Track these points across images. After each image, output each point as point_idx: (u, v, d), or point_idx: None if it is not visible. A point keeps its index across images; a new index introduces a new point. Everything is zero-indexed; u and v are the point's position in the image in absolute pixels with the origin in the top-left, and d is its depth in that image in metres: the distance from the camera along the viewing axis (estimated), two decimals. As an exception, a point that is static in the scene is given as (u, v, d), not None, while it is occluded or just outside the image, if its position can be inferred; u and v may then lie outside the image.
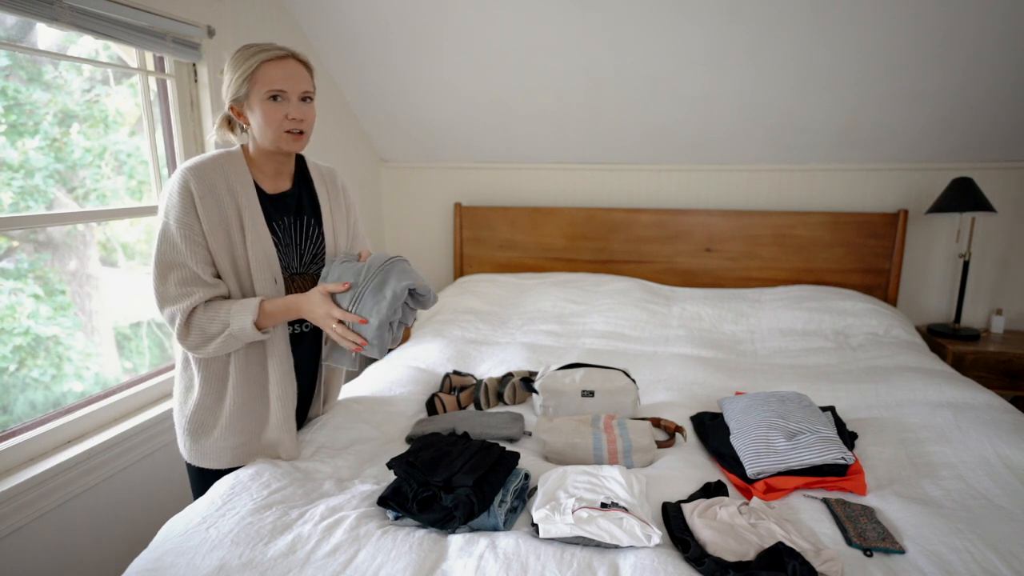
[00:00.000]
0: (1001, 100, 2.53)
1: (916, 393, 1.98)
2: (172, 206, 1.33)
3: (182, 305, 1.32)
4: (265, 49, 1.35)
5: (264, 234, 1.41)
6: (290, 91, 1.36)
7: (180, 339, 1.34)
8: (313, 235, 1.52)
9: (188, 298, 1.32)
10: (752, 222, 3.05)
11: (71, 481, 1.71)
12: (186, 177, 1.34)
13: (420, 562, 1.13)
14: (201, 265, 1.34)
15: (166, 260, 1.33)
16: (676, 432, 1.70)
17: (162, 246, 1.33)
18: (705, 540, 1.15)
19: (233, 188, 1.38)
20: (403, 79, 2.93)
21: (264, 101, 1.34)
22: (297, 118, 1.37)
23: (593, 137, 3.10)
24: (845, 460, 1.44)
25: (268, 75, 1.33)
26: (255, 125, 1.38)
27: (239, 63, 1.35)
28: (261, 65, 1.33)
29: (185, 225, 1.32)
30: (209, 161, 1.38)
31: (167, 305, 1.33)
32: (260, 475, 1.38)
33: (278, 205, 1.46)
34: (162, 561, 1.14)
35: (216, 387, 1.43)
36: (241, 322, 1.32)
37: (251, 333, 1.33)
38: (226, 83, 1.38)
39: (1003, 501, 1.38)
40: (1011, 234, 2.89)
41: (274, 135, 1.37)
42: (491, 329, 2.76)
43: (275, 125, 1.36)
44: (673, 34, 2.48)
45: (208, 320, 1.33)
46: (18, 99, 1.78)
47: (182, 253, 1.32)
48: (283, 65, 1.35)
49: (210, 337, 1.34)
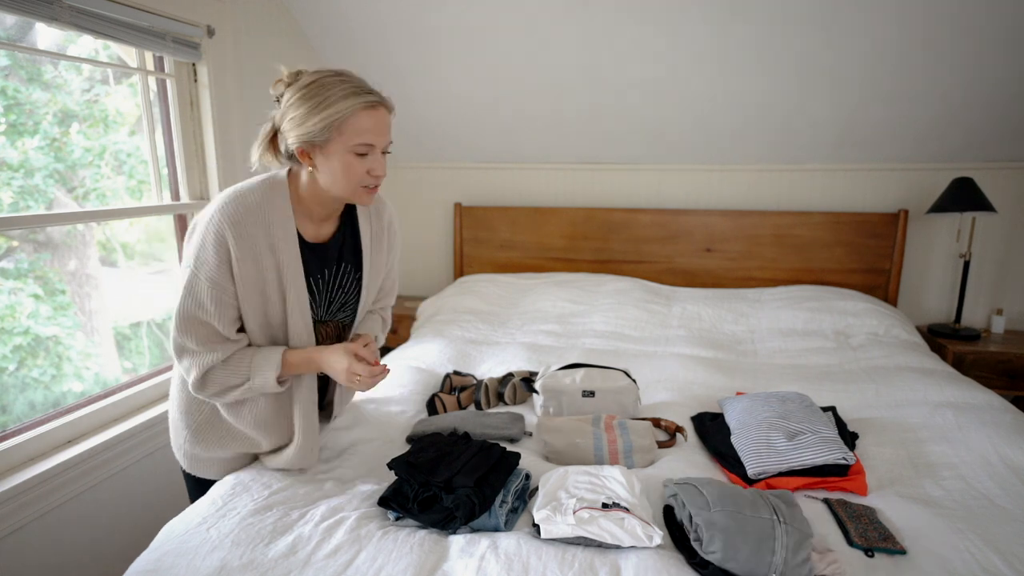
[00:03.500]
0: (1002, 100, 2.53)
1: (917, 393, 1.98)
2: (204, 262, 1.21)
3: (201, 360, 1.24)
4: (357, 92, 1.18)
5: (302, 291, 1.30)
6: (378, 145, 1.22)
7: (196, 390, 1.27)
8: (347, 283, 1.40)
9: (209, 355, 1.24)
10: (752, 222, 3.05)
11: (71, 481, 1.71)
12: (223, 232, 1.20)
13: (421, 563, 1.13)
14: (226, 324, 1.25)
15: (189, 315, 1.23)
16: (677, 432, 1.69)
17: (187, 301, 1.22)
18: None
19: (275, 244, 1.25)
20: (403, 79, 2.93)
21: (347, 153, 1.20)
22: (380, 175, 1.24)
23: (593, 137, 3.10)
24: (846, 460, 1.44)
25: (360, 127, 1.18)
26: (327, 173, 1.22)
27: (323, 104, 1.16)
28: (354, 114, 1.17)
29: (217, 286, 1.21)
30: (253, 205, 1.23)
31: (185, 357, 1.25)
32: (261, 476, 1.38)
33: (319, 257, 1.34)
34: (162, 562, 1.13)
35: (232, 410, 1.37)
36: (264, 378, 1.27)
37: (272, 387, 1.28)
38: (297, 118, 1.18)
39: (1004, 501, 1.38)
40: (1011, 234, 2.89)
41: (352, 190, 1.24)
42: (491, 329, 2.76)
43: (356, 180, 1.22)
44: (673, 34, 2.48)
45: (228, 374, 1.26)
46: (18, 99, 1.78)
47: (209, 313, 1.22)
48: (375, 115, 1.20)
49: (229, 389, 1.27)
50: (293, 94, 1.20)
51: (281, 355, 1.28)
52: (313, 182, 1.27)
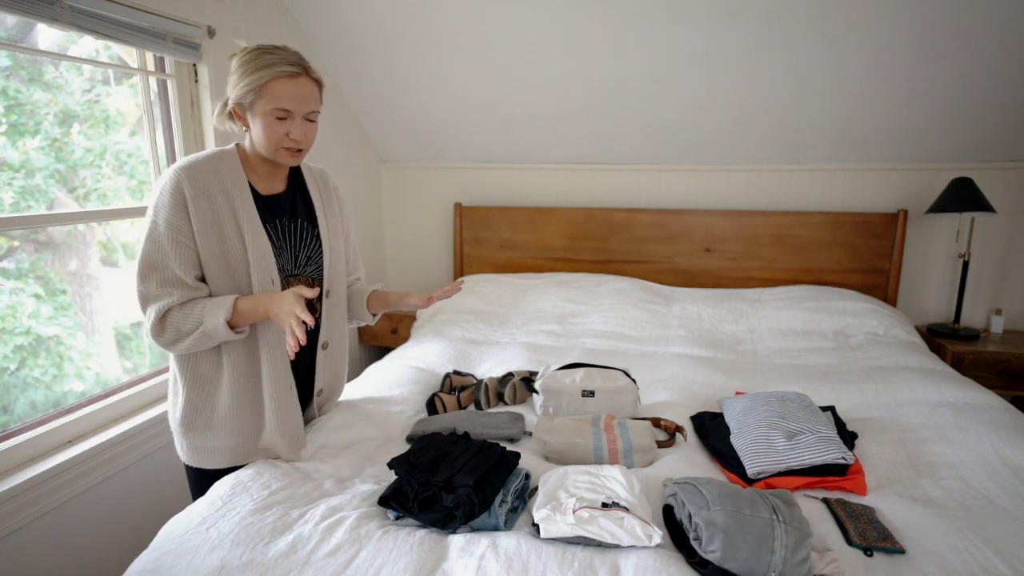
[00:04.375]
0: (1001, 100, 2.54)
1: (916, 393, 1.98)
2: (162, 206, 1.31)
3: (158, 304, 1.31)
4: (279, 63, 1.31)
5: (261, 235, 1.39)
6: (296, 111, 1.34)
7: (154, 336, 1.33)
8: (308, 237, 1.51)
9: (166, 298, 1.31)
10: (752, 222, 3.05)
11: (71, 481, 1.71)
12: (179, 177, 1.31)
13: (421, 562, 1.13)
14: (185, 267, 1.32)
15: (150, 260, 1.31)
16: (676, 432, 1.70)
17: (148, 246, 1.31)
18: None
19: (228, 189, 1.37)
20: (403, 79, 2.93)
21: (267, 115, 1.32)
22: (297, 139, 1.36)
23: (593, 137, 3.10)
24: (845, 460, 1.44)
25: (277, 92, 1.31)
26: (255, 133, 1.37)
27: (250, 70, 1.31)
28: (272, 80, 1.30)
29: (174, 227, 1.30)
30: (204, 161, 1.36)
31: (147, 305, 1.33)
32: (260, 475, 1.38)
33: (272, 207, 1.45)
34: (162, 562, 1.14)
35: (204, 387, 1.42)
36: (214, 320, 1.30)
37: (223, 332, 1.31)
38: (232, 82, 1.35)
39: (1003, 501, 1.38)
40: (1011, 234, 2.89)
41: (273, 149, 1.37)
42: (491, 329, 2.77)
43: (275, 140, 1.35)
44: (673, 34, 2.48)
45: (182, 318, 1.32)
46: (19, 99, 1.78)
47: (167, 255, 1.31)
48: (294, 83, 1.32)
49: (183, 335, 1.32)
50: (235, 63, 1.35)
51: (233, 300, 1.33)
52: (251, 142, 1.41)
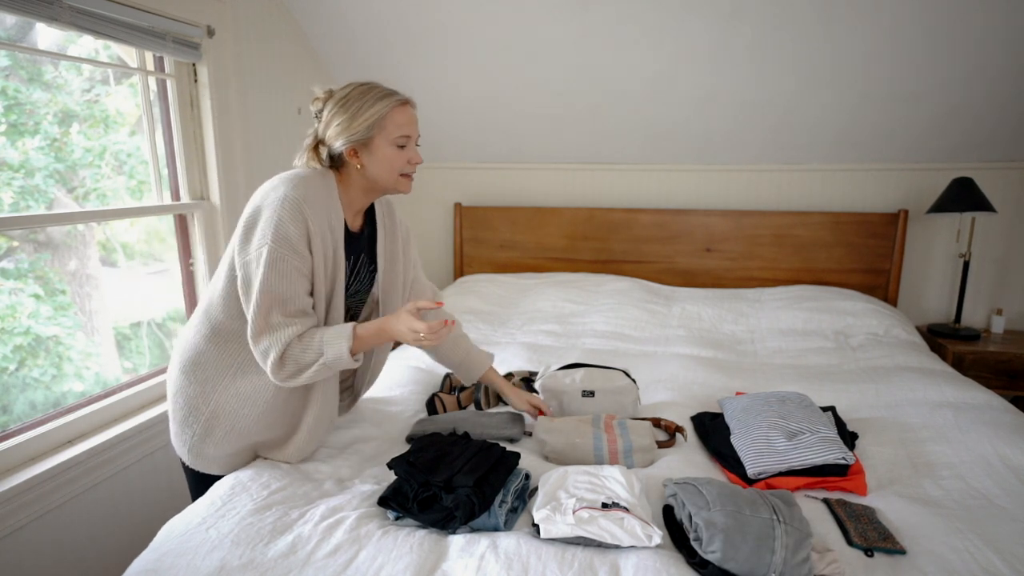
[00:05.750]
0: (1001, 100, 2.53)
1: (916, 393, 1.98)
2: (285, 235, 1.27)
3: (281, 335, 1.28)
4: (389, 94, 1.36)
5: (342, 271, 1.42)
6: (413, 136, 1.40)
7: (274, 371, 1.30)
8: (363, 273, 1.53)
9: (288, 328, 1.28)
10: (752, 222, 3.05)
11: (71, 481, 1.71)
12: (301, 206, 1.29)
13: (421, 562, 1.13)
14: (305, 297, 1.33)
15: (273, 291, 1.27)
16: (676, 432, 1.69)
17: (270, 275, 1.26)
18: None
19: (333, 225, 1.37)
20: (403, 79, 2.93)
21: (390, 146, 1.36)
22: (418, 162, 1.41)
23: (593, 137, 3.10)
24: (846, 460, 1.44)
25: (397, 121, 1.36)
26: (373, 167, 1.38)
27: (365, 106, 1.33)
28: (392, 110, 1.35)
29: (299, 255, 1.29)
30: (319, 190, 1.35)
31: (265, 335, 1.28)
32: (260, 475, 1.38)
33: (353, 242, 1.47)
34: (162, 562, 1.13)
35: (237, 405, 1.39)
36: (336, 350, 1.29)
37: (346, 361, 1.31)
38: (342, 124, 1.34)
39: (1003, 501, 1.38)
40: (1011, 234, 2.89)
41: (395, 178, 1.40)
42: (491, 329, 2.76)
43: (398, 168, 1.39)
44: (673, 34, 2.48)
45: (302, 350, 1.29)
46: (18, 99, 1.78)
47: (292, 283, 1.29)
48: (407, 111, 1.38)
49: (304, 367, 1.30)
50: (333, 106, 1.36)
51: (352, 328, 1.32)
52: (359, 177, 1.42)
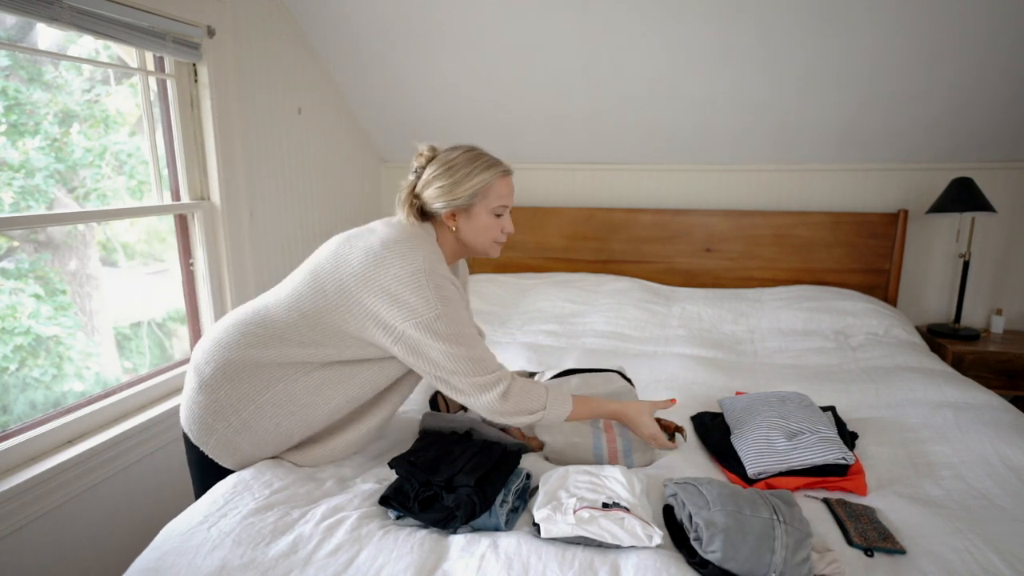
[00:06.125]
0: (1001, 100, 2.54)
1: (916, 393, 1.98)
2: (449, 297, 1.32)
3: (504, 372, 1.35)
4: (495, 163, 1.42)
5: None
6: (510, 206, 1.46)
7: (498, 405, 1.32)
8: None
9: (500, 379, 1.33)
10: (752, 222, 3.05)
11: (71, 481, 1.71)
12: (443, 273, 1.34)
13: (421, 562, 1.13)
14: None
15: (471, 356, 1.32)
16: (676, 432, 1.69)
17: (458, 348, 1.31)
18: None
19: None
20: (403, 79, 2.93)
21: (489, 214, 1.42)
22: (511, 231, 1.48)
23: (593, 137, 3.10)
24: (846, 460, 1.44)
25: (499, 191, 1.41)
26: (469, 232, 1.44)
27: (474, 173, 1.38)
28: (497, 180, 1.40)
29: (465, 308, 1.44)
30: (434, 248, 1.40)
31: (488, 370, 1.33)
32: (263, 474, 1.38)
33: None
34: (163, 561, 1.13)
35: (293, 408, 1.37)
36: (558, 413, 1.38)
37: (559, 423, 1.42)
38: (445, 186, 1.38)
39: (1003, 501, 1.38)
40: (1011, 234, 2.89)
41: (489, 244, 1.47)
42: (491, 329, 2.76)
43: (493, 236, 1.45)
44: (673, 34, 2.48)
45: (524, 395, 1.34)
46: (18, 99, 1.78)
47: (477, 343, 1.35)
48: (510, 182, 1.44)
49: (525, 412, 1.35)
50: (438, 168, 1.41)
51: (572, 398, 1.41)
52: (451, 238, 1.46)
